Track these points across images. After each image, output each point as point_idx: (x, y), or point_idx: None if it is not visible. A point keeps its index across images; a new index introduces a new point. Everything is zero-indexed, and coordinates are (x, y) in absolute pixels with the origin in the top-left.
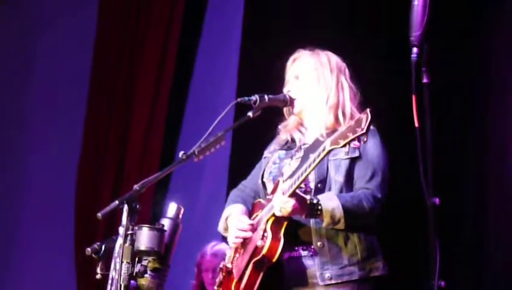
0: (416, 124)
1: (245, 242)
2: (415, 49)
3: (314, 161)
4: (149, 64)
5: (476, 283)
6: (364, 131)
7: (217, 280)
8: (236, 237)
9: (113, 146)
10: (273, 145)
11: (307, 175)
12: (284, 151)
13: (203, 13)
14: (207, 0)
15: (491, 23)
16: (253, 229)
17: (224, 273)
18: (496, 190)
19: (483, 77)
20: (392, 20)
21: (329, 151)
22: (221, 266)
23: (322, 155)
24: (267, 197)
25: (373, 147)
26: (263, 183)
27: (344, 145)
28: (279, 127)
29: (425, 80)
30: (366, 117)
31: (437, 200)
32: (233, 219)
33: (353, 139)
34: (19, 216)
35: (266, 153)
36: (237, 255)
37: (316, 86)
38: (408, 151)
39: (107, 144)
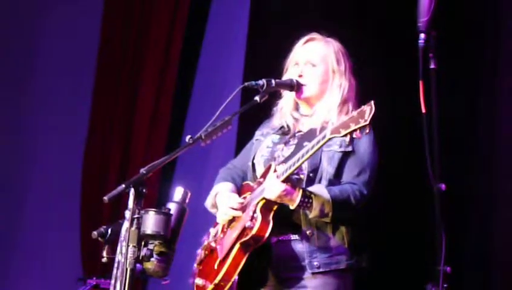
0: (423, 110)
1: (232, 222)
2: (422, 35)
3: (312, 147)
4: (155, 48)
5: (482, 269)
6: (367, 122)
7: (198, 258)
8: (226, 214)
9: (119, 130)
10: (266, 128)
11: (303, 161)
12: (277, 136)
13: None
14: None
15: (499, 8)
16: (242, 209)
17: (207, 252)
18: (504, 176)
19: (491, 62)
20: (398, 7)
21: (329, 139)
22: (205, 243)
23: (321, 143)
24: (258, 180)
25: (366, 143)
26: (253, 165)
27: (345, 135)
28: (274, 109)
29: (432, 66)
30: (369, 109)
31: (443, 186)
32: (223, 197)
33: (355, 130)
34: (25, 200)
35: (258, 135)
36: (221, 234)
37: (331, 80)
38: (415, 137)
39: (113, 128)
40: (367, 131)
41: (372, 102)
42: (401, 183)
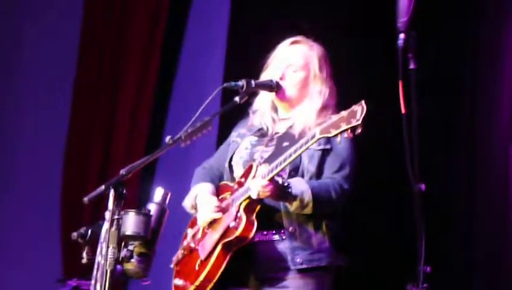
0: (403, 110)
1: (212, 223)
2: (401, 35)
3: (300, 147)
4: (136, 48)
5: (462, 269)
6: (359, 122)
7: (174, 259)
8: (207, 216)
9: (99, 131)
10: (242, 129)
11: (291, 161)
12: (255, 138)
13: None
14: None
15: (480, 7)
16: (223, 210)
17: (185, 252)
18: (484, 176)
19: (472, 61)
20: (377, 8)
21: (318, 139)
22: (184, 244)
23: (310, 142)
24: (238, 180)
25: (343, 140)
26: (230, 166)
27: (335, 135)
28: (251, 110)
29: (411, 66)
30: (361, 108)
31: (423, 187)
32: (204, 198)
33: (346, 130)
34: (6, 200)
35: (234, 137)
36: (201, 235)
37: (312, 85)
38: (395, 137)
39: (93, 129)
40: (359, 131)
41: (363, 102)
42: (382, 183)
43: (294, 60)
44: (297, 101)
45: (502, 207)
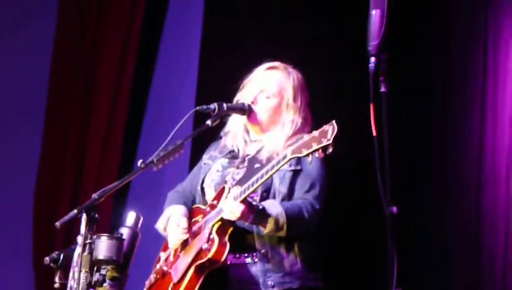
0: (374, 133)
1: (185, 245)
2: (372, 59)
3: (272, 168)
4: (107, 71)
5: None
6: (330, 142)
7: (147, 282)
8: (177, 239)
9: (71, 155)
10: (214, 152)
11: (263, 182)
12: (226, 160)
13: (163, 21)
14: (166, 8)
15: (449, 26)
16: (196, 233)
17: (158, 276)
18: (456, 198)
19: (442, 84)
20: (350, 30)
21: (290, 159)
22: (156, 268)
23: (281, 163)
24: (210, 203)
25: (313, 160)
26: (202, 189)
27: (307, 155)
28: (223, 133)
29: (382, 89)
30: (332, 128)
31: (395, 209)
32: (174, 221)
33: (317, 149)
34: None
35: (206, 159)
36: (173, 258)
37: (284, 114)
38: (366, 160)
39: (65, 153)
40: (330, 150)
41: (334, 121)
42: (355, 206)
43: (268, 86)
44: (268, 126)
45: (475, 235)
